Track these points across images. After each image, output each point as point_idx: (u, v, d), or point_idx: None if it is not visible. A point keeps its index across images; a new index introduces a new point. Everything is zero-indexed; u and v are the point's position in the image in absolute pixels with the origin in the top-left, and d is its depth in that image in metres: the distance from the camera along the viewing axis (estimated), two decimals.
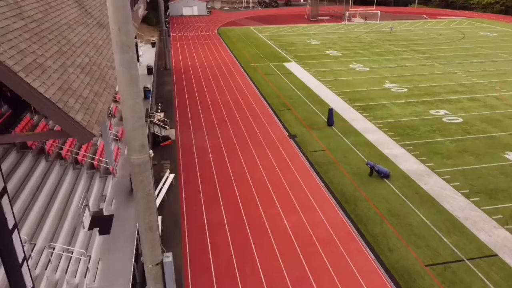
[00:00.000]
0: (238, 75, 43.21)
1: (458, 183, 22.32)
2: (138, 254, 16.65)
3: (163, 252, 9.86)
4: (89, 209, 18.44)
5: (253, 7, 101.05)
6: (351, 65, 46.87)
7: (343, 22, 77.05)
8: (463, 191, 21.58)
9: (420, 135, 28.37)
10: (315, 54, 52.30)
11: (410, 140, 27.64)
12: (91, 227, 17.75)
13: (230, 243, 17.91)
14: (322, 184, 22.46)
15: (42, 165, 19.86)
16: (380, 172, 22.89)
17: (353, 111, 32.95)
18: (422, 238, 18.17)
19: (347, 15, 77.07)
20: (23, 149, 20.02)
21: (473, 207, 20.27)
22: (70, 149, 21.47)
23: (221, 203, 20.76)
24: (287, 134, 28.89)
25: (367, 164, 23.11)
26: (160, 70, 45.50)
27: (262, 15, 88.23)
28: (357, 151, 26.20)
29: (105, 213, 18.77)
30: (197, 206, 20.52)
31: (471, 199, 20.90)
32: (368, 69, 45.39)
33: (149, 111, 29.61)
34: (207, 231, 18.68)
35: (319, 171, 23.81)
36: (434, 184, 22.33)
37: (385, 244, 17.83)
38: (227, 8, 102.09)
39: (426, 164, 24.42)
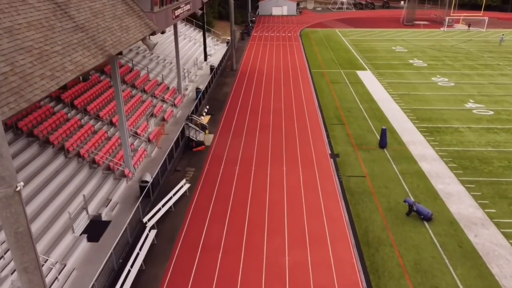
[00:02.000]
0: (302, 81, 40.86)
1: None
2: (122, 267, 15.86)
3: None
4: (87, 213, 18.17)
5: (347, 8, 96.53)
6: (433, 78, 41.45)
7: (441, 29, 69.39)
8: None
9: (490, 172, 23.45)
10: (396, 63, 47.45)
11: (475, 176, 22.97)
12: (85, 232, 17.42)
13: (216, 272, 16.19)
14: (347, 217, 19.51)
15: (59, 161, 20.17)
16: (420, 212, 19.17)
17: (416, 133, 28.68)
18: None
19: (447, 20, 69.17)
20: (46, 143, 20.60)
21: None
22: (92, 149, 21.58)
23: (226, 224, 19.10)
24: (329, 152, 26.05)
25: (405, 201, 19.52)
26: (226, 70, 45.07)
27: (353, 17, 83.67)
28: (403, 182, 22.48)
29: (103, 218, 18.35)
30: (200, 224, 19.13)
31: None
32: (452, 84, 39.65)
33: (189, 114, 29.03)
34: (198, 254, 17.19)
35: (349, 201, 20.81)
36: (487, 238, 17.98)
37: None
38: (319, 8, 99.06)
39: (486, 210, 19.91)
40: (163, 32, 21.61)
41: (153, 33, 18.52)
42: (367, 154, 25.71)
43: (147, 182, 19.88)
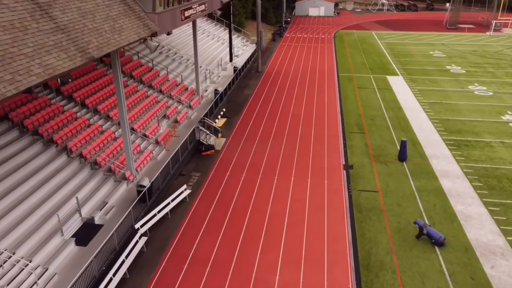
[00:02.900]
0: (328, 85, 39.33)
1: None
2: (105, 274, 15.42)
3: None
4: (80, 215, 17.93)
5: (387, 10, 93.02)
6: (470, 87, 38.64)
7: (487, 33, 65.10)
8: None
9: None
10: (431, 69, 44.76)
11: (502, 198, 20.82)
12: (75, 235, 17.16)
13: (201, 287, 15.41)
14: (350, 236, 18.15)
15: (60, 161, 20.13)
16: (431, 236, 17.47)
17: (441, 146, 26.59)
18: None
19: (494, 24, 64.79)
20: (50, 142, 20.65)
21: None
22: (95, 150, 21.43)
23: (221, 235, 18.27)
24: (343, 163, 24.61)
25: (415, 223, 17.87)
26: (252, 72, 44.28)
27: (392, 19, 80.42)
28: (418, 200, 20.73)
29: (96, 222, 18.06)
30: (194, 233, 18.42)
31: None
32: (491, 93, 36.76)
33: (202, 116, 28.47)
34: (186, 266, 16.48)
35: (356, 218, 19.39)
36: (505, 270, 16.07)
37: None
38: (359, 10, 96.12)
39: (509, 238, 17.89)
40: (168, 33, 21.04)
41: (154, 34, 18.02)
42: (384, 167, 24.05)
43: (143, 186, 19.44)
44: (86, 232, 17.42)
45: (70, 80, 13.02)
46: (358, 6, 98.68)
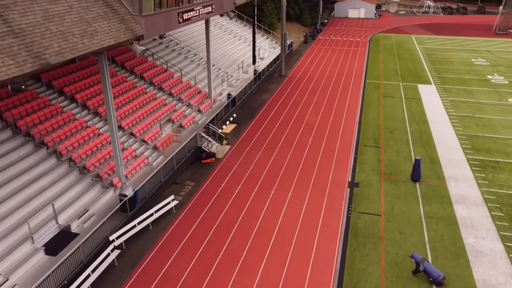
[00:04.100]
0: (351, 92, 37.18)
1: None
2: (66, 287, 14.78)
3: None
4: (57, 222, 17.45)
5: (433, 12, 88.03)
6: (511, 100, 35.07)
7: None
8: None
9: None
10: (469, 78, 41.27)
11: None
12: (47, 244, 16.65)
13: None
14: (338, 265, 16.42)
15: (49, 163, 19.85)
16: (428, 274, 15.40)
17: (464, 166, 23.98)
18: None
19: None
20: (41, 144, 20.43)
21: None
22: (87, 154, 21.01)
23: (198, 254, 17.13)
24: (349, 179, 22.73)
25: (411, 257, 15.84)
26: (275, 76, 42.86)
27: (437, 23, 75.85)
28: (424, 229, 18.57)
29: (73, 230, 17.50)
30: (171, 250, 17.42)
31: None
32: None
33: (207, 122, 27.50)
34: (153, 286, 15.49)
35: (349, 244, 17.60)
36: None
37: None
38: (403, 12, 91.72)
39: None
40: (161, 37, 20.15)
41: (140, 38, 17.18)
42: (393, 187, 21.93)
43: (125, 196, 18.70)
44: (60, 241, 16.89)
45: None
46: (402, 8, 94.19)
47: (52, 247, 16.44)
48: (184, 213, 19.92)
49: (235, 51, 44.09)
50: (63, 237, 17.09)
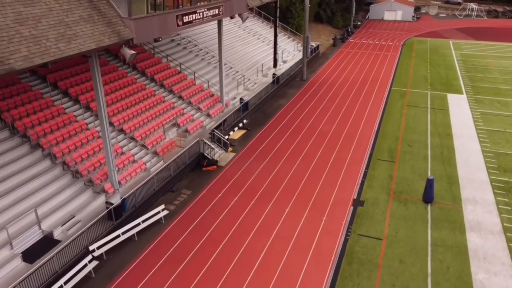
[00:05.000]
0: (374, 100, 35.22)
1: None
2: None
3: None
4: (40, 228, 17.12)
5: (477, 15, 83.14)
6: None
7: None
8: None
9: None
10: (506, 88, 38.14)
11: None
12: (27, 250, 16.30)
13: None
14: None
15: (42, 166, 19.65)
16: None
17: (486, 188, 21.79)
18: None
19: None
20: (36, 147, 20.27)
21: None
22: (82, 157, 20.68)
23: (178, 270, 16.27)
24: (354, 197, 21.16)
25: None
26: (296, 80, 41.46)
27: (479, 27, 71.43)
28: (429, 258, 16.79)
29: (56, 237, 17.11)
30: (151, 264, 16.65)
31: None
32: None
33: (213, 128, 26.63)
34: None
35: (341, 270, 16.16)
36: None
37: None
38: (443, 15, 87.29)
39: None
40: (156, 40, 19.46)
41: (129, 42, 16.50)
42: (402, 208, 20.17)
43: (111, 204, 18.14)
44: (41, 248, 16.53)
45: None
46: (443, 11, 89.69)
47: (31, 254, 16.08)
48: (174, 224, 19.13)
49: (256, 53, 43.05)
50: (44, 244, 16.73)
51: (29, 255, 16.04)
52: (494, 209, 19.97)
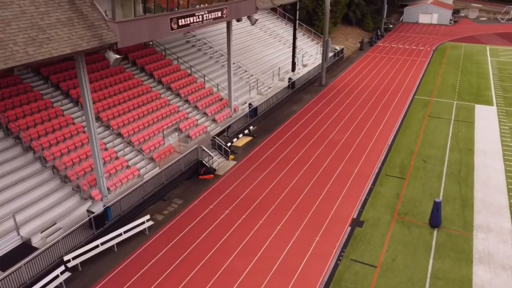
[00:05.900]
0: (394, 109, 33.22)
1: None
2: None
3: None
4: (18, 234, 16.78)
5: None
6: None
7: None
8: None
9: None
10: None
11: None
12: (2, 257, 15.96)
13: None
14: None
15: (33, 168, 19.44)
16: None
17: (504, 214, 19.68)
18: None
19: None
20: (28, 149, 20.07)
21: None
22: (74, 161, 20.31)
23: (153, 287, 15.45)
24: (354, 216, 19.64)
25: None
26: (314, 85, 39.92)
27: None
28: None
29: (33, 244, 16.71)
30: (126, 279, 15.91)
31: None
32: None
33: (214, 134, 25.72)
34: None
35: None
36: None
37: None
38: (484, 18, 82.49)
39: None
40: (146, 44, 18.69)
41: (113, 46, 15.82)
42: (404, 232, 18.48)
43: (92, 212, 17.58)
44: (17, 255, 16.15)
45: None
46: (484, 14, 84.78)
47: (6, 261, 15.73)
48: (158, 236, 18.36)
49: (275, 56, 41.84)
50: (22, 251, 16.37)
51: (4, 262, 15.69)
52: (510, 239, 17.91)
